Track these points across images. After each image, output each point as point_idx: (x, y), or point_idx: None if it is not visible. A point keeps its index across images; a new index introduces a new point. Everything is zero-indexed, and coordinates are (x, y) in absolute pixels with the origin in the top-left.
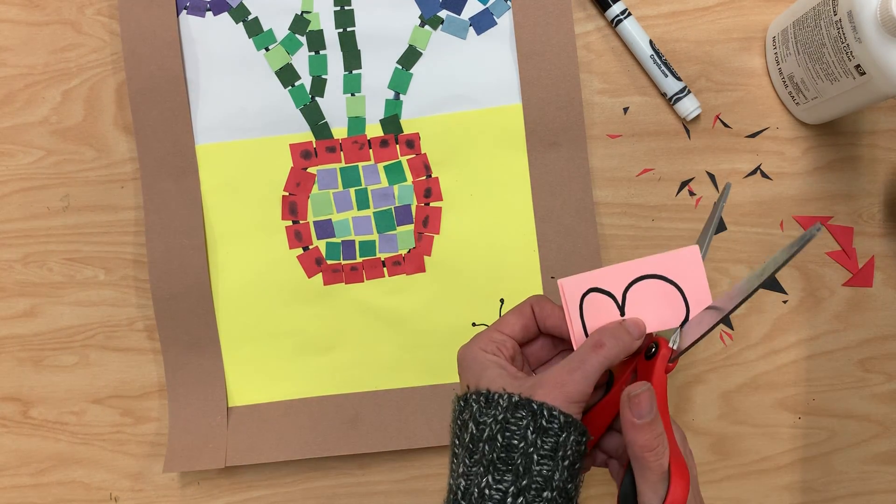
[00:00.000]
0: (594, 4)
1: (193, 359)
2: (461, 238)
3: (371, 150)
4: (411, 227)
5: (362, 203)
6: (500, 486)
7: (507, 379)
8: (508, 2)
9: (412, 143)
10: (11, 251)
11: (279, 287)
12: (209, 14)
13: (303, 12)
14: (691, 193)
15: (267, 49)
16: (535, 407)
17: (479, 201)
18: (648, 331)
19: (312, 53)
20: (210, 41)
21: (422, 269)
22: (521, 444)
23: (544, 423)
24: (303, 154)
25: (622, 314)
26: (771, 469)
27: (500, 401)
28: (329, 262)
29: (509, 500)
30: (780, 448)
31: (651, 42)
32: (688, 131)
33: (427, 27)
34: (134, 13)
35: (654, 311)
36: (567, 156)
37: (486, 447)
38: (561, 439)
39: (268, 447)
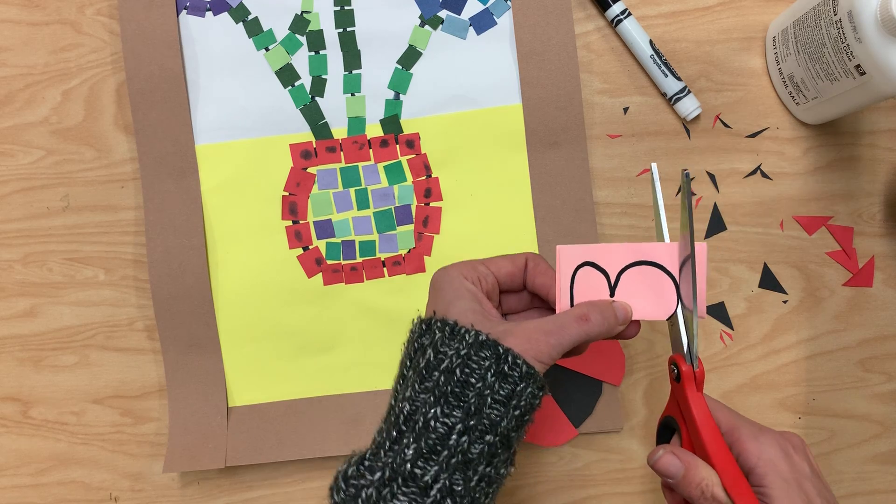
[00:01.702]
0: (594, 4)
1: (193, 359)
2: (461, 238)
3: (371, 150)
4: (411, 227)
5: (362, 203)
6: (448, 421)
7: (479, 316)
8: (508, 2)
9: (412, 143)
10: (11, 251)
11: (279, 287)
12: (209, 14)
13: (303, 12)
14: (691, 193)
15: (267, 49)
16: (501, 351)
17: (479, 201)
18: (634, 317)
19: (312, 53)
20: (210, 41)
21: (422, 269)
22: (479, 385)
23: (506, 368)
24: (303, 154)
25: (611, 295)
26: None
27: (467, 336)
28: (329, 262)
29: (454, 436)
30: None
31: (651, 42)
32: (688, 131)
33: (427, 27)
34: (134, 13)
35: (644, 300)
36: (567, 156)
37: (442, 378)
38: (518, 388)
39: (268, 447)
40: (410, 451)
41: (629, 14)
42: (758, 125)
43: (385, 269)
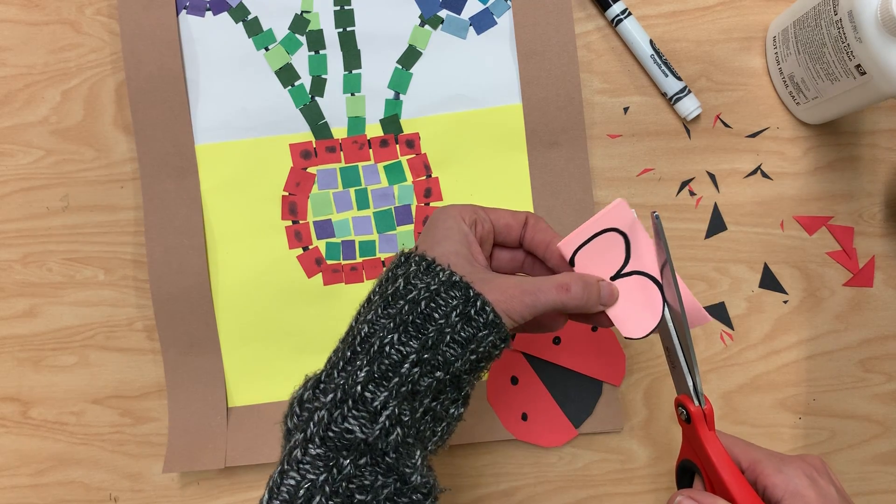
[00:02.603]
0: (594, 4)
1: (193, 359)
2: None
3: (371, 150)
4: (411, 227)
5: (362, 203)
6: (403, 349)
7: (461, 259)
8: (508, 1)
9: (412, 143)
10: (11, 251)
11: (279, 287)
12: (209, 14)
13: (302, 12)
14: (692, 193)
15: (267, 49)
16: (472, 294)
17: (479, 201)
18: (614, 321)
19: (312, 53)
20: (210, 41)
21: None
22: (441, 321)
23: (472, 312)
24: (303, 154)
25: (614, 277)
26: None
27: (441, 273)
28: (329, 262)
29: (406, 365)
30: (780, 448)
31: (651, 42)
32: (688, 131)
33: (427, 27)
34: (134, 13)
35: (630, 307)
36: (567, 156)
37: (406, 307)
38: (480, 334)
39: (268, 447)
40: (362, 374)
41: (629, 14)
42: (758, 125)
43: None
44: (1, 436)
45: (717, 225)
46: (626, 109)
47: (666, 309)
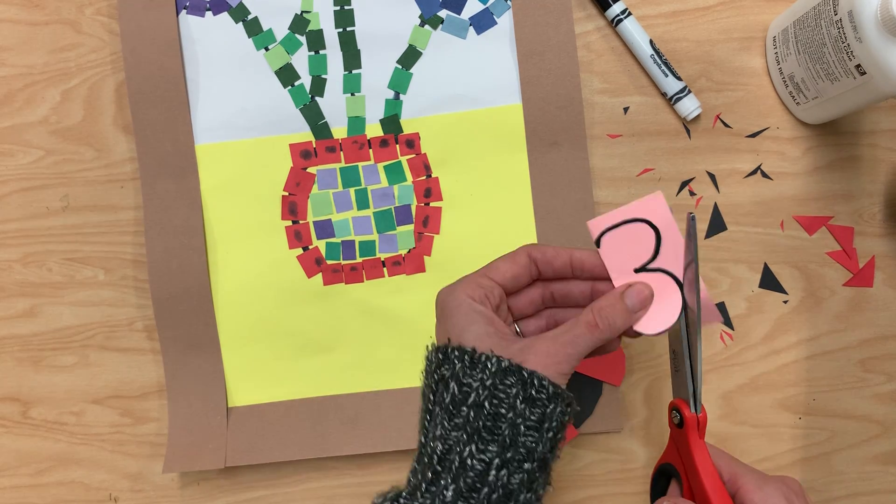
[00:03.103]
0: (594, 4)
1: (193, 359)
2: (461, 238)
3: (371, 150)
4: (411, 227)
5: (362, 203)
6: (484, 457)
7: (495, 339)
8: (508, 1)
9: (412, 143)
10: (11, 251)
11: (279, 287)
12: (209, 14)
13: (302, 12)
14: (692, 193)
15: (267, 49)
16: (526, 375)
17: (479, 201)
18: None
19: (312, 53)
20: (210, 41)
21: (422, 269)
22: (510, 414)
23: (534, 392)
24: (303, 154)
25: (649, 262)
26: (771, 469)
27: (489, 364)
28: (329, 262)
29: (492, 471)
30: (780, 448)
31: (651, 42)
32: (688, 131)
33: (427, 27)
34: (134, 13)
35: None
36: (567, 156)
37: (472, 413)
38: (548, 411)
39: (268, 447)
40: (450, 493)
41: (629, 14)
42: (758, 125)
43: (385, 269)
44: (1, 436)
45: (717, 225)
46: (626, 109)
47: (682, 312)
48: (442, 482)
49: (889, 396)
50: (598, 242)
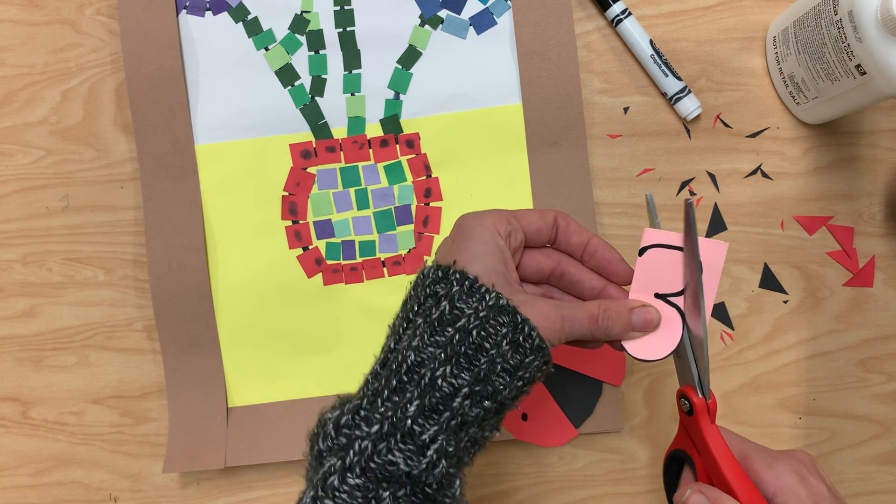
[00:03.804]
0: (594, 4)
1: (193, 359)
2: None
3: (371, 150)
4: (411, 227)
5: (362, 203)
6: (455, 382)
7: (501, 279)
8: (508, 1)
9: (412, 143)
10: (11, 251)
11: (279, 287)
12: (209, 14)
13: (302, 12)
14: (692, 193)
15: (267, 49)
16: (519, 320)
17: (479, 201)
18: (636, 354)
19: (312, 53)
20: (210, 41)
21: None
22: (493, 351)
23: (521, 339)
24: (303, 154)
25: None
26: None
27: (487, 296)
28: (329, 262)
29: (458, 398)
30: (780, 448)
31: (651, 42)
32: (688, 131)
33: (427, 27)
34: (133, 13)
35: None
36: (567, 156)
37: (457, 336)
38: (526, 360)
39: (268, 447)
40: (413, 408)
41: (629, 14)
42: (758, 125)
43: (385, 269)
44: (1, 436)
45: (717, 225)
46: (626, 109)
47: (678, 309)
48: (407, 394)
49: (889, 396)
50: (641, 251)
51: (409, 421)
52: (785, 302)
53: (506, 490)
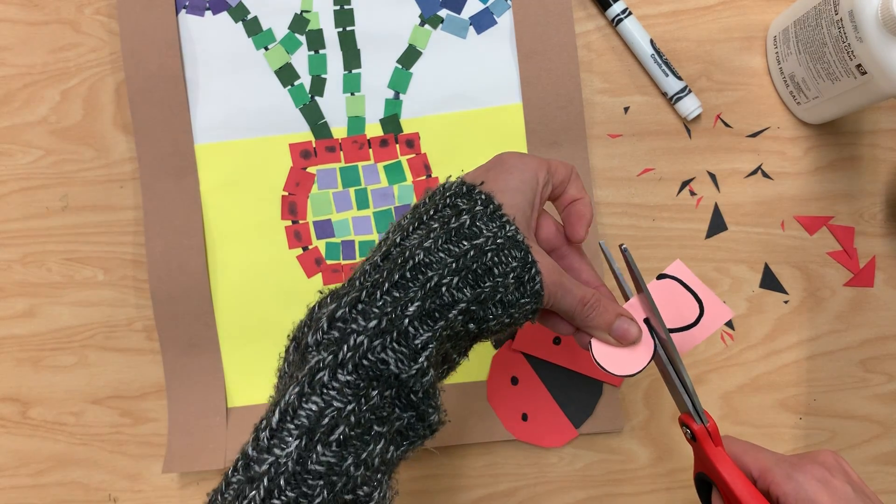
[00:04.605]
0: (595, 4)
1: (193, 359)
2: None
3: (371, 150)
4: None
5: (362, 203)
6: (457, 294)
7: (523, 219)
8: (508, 1)
9: (412, 143)
10: (10, 251)
11: (279, 287)
12: (208, 13)
13: (302, 11)
14: (692, 193)
15: (266, 48)
16: (530, 260)
17: None
18: (609, 369)
19: (312, 53)
20: (209, 40)
21: None
22: (499, 278)
23: (526, 278)
24: (302, 154)
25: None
26: None
27: (507, 227)
28: (329, 262)
29: (455, 311)
30: (781, 448)
31: (652, 41)
32: (689, 131)
33: (427, 26)
34: (133, 12)
35: (620, 353)
36: (567, 155)
37: (472, 252)
38: (522, 301)
39: None
40: (413, 308)
41: (630, 13)
42: (759, 125)
43: None
44: (1, 436)
45: (717, 225)
46: (626, 109)
47: (655, 337)
48: (410, 293)
49: (890, 397)
50: (661, 276)
51: (407, 321)
52: (785, 302)
53: (506, 490)
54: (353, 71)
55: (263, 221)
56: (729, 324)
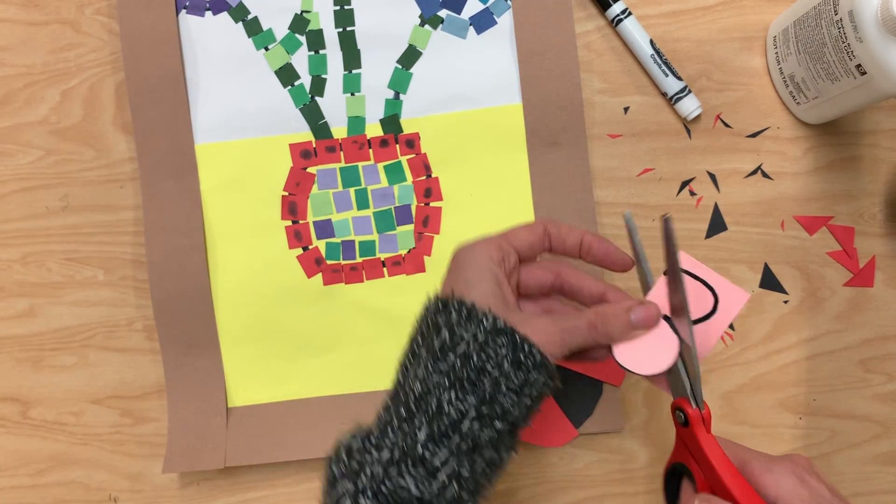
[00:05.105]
0: (594, 4)
1: (193, 359)
2: (461, 238)
3: (371, 150)
4: (411, 227)
5: (362, 203)
6: (462, 406)
7: (498, 302)
8: (508, 1)
9: (412, 143)
10: (10, 251)
11: (279, 287)
12: (209, 13)
13: (302, 11)
14: (692, 193)
15: (266, 48)
16: (518, 339)
17: (479, 201)
18: (634, 369)
19: (312, 53)
20: (209, 41)
21: (422, 269)
22: (495, 372)
23: (522, 357)
24: (302, 154)
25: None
26: None
27: (484, 320)
28: (329, 262)
29: (466, 421)
30: (781, 448)
31: (651, 41)
32: (688, 131)
33: (427, 27)
34: (133, 13)
35: (643, 350)
36: (567, 156)
37: (458, 362)
38: (531, 378)
39: (268, 447)
40: (422, 434)
41: (629, 13)
42: (758, 125)
43: (385, 269)
44: (1, 436)
45: (717, 225)
46: (626, 109)
47: (677, 333)
48: (416, 422)
49: (889, 396)
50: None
51: (420, 447)
52: (785, 302)
53: (506, 490)
54: (354, 71)
55: (263, 221)
56: (729, 324)
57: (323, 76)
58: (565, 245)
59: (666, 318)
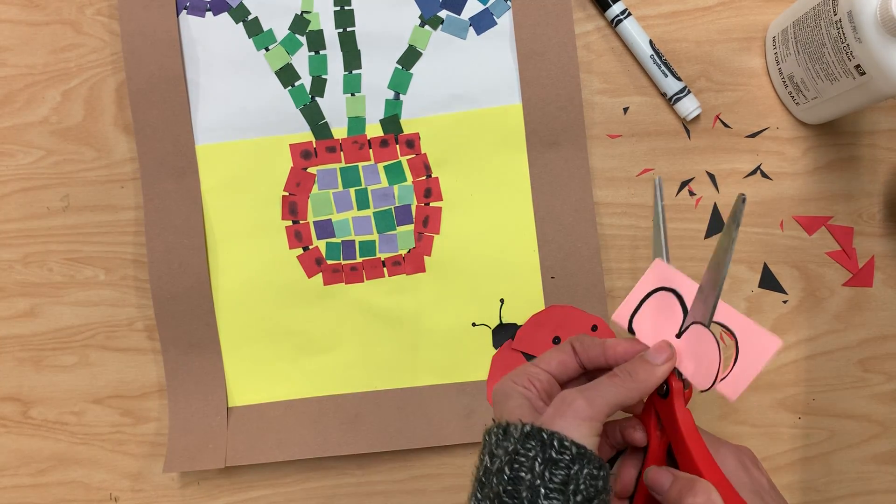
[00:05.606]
0: (594, 4)
1: (193, 359)
2: (461, 238)
3: (371, 150)
4: (411, 227)
5: (362, 203)
6: None
7: (527, 410)
8: (508, 2)
9: (412, 143)
10: (11, 251)
11: (279, 287)
12: (209, 14)
13: (303, 12)
14: (691, 193)
15: (267, 49)
16: (546, 437)
17: (479, 201)
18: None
19: (312, 53)
20: (210, 41)
21: (422, 269)
22: (528, 477)
23: (554, 454)
24: (303, 154)
25: (679, 336)
26: (771, 469)
27: (514, 431)
28: (329, 262)
29: None
30: (780, 448)
31: (651, 42)
32: (688, 131)
33: (427, 27)
34: (134, 13)
35: (695, 362)
36: (567, 156)
37: (495, 480)
38: (572, 472)
39: (268, 447)
40: None
41: (629, 14)
42: (758, 125)
43: (385, 269)
44: (1, 436)
45: (716, 225)
46: (625, 109)
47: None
48: None
49: (889, 396)
50: (630, 330)
51: None
52: (784, 302)
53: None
54: (354, 71)
55: (264, 221)
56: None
57: (323, 76)
58: (589, 357)
59: (701, 323)
